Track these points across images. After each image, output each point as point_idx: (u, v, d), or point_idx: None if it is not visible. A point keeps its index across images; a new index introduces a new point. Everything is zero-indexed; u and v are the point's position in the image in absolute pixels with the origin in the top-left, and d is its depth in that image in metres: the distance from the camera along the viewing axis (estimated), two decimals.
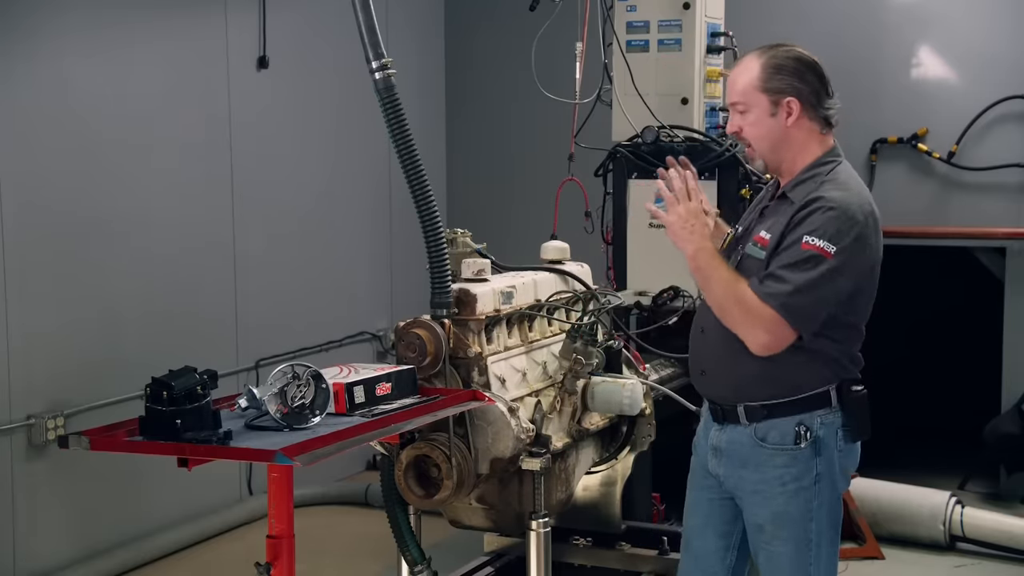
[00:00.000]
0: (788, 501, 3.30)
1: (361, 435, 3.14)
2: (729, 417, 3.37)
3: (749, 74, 3.32)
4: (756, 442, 3.31)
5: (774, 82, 3.29)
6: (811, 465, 3.29)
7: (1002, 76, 6.65)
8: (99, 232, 5.61)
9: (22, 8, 5.24)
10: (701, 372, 3.45)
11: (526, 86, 5.62)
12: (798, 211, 3.23)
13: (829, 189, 3.25)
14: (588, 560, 4.65)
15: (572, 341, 3.96)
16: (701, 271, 3.28)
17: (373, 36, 3.54)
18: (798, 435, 3.27)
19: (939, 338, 8.01)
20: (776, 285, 3.18)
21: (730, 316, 3.25)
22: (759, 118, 3.31)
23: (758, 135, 3.33)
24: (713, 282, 3.27)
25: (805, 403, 3.28)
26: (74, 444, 2.97)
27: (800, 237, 3.18)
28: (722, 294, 3.25)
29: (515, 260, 4.21)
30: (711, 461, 3.44)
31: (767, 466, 3.31)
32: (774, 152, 3.34)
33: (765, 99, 3.30)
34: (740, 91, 3.33)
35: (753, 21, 6.49)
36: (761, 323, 3.19)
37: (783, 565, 3.35)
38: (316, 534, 5.97)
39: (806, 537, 3.32)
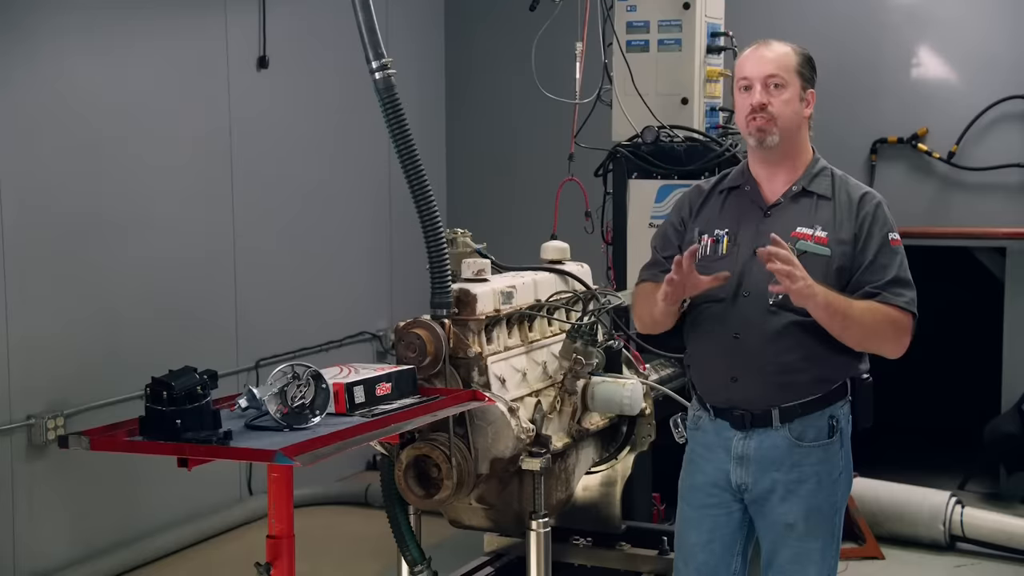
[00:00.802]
0: (823, 497, 3.34)
1: (361, 435, 3.14)
2: (758, 422, 3.34)
3: (787, 55, 3.34)
4: (792, 442, 3.32)
5: (807, 71, 3.36)
6: (839, 457, 3.37)
7: (1002, 76, 6.65)
8: (99, 232, 5.61)
9: (22, 8, 5.24)
10: (732, 379, 3.35)
11: (526, 86, 5.62)
12: (860, 208, 3.31)
13: (858, 184, 3.40)
14: (588, 560, 4.64)
15: (572, 341, 3.96)
16: (840, 313, 3.20)
17: (373, 36, 3.54)
18: (831, 428, 3.33)
19: (939, 338, 8.00)
20: (902, 291, 3.26)
21: (881, 337, 3.28)
22: (792, 97, 3.33)
23: (788, 113, 3.32)
24: (855, 316, 3.22)
25: (832, 396, 3.34)
26: (74, 444, 2.97)
27: (885, 236, 3.30)
28: (871, 322, 3.24)
29: (515, 260, 4.21)
30: (735, 471, 3.38)
31: (804, 464, 3.33)
32: (793, 135, 3.36)
33: (799, 83, 3.34)
34: (781, 67, 3.32)
35: (753, 21, 6.49)
36: (906, 331, 3.28)
37: (814, 560, 3.36)
38: (316, 534, 5.97)
39: (833, 530, 3.38)
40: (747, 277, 3.32)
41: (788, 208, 3.36)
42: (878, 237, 3.29)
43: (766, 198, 3.40)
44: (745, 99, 3.34)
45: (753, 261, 3.30)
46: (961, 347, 7.87)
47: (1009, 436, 6.54)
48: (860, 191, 3.36)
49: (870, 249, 3.28)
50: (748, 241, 3.36)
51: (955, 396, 7.69)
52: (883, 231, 3.30)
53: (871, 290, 3.25)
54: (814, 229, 3.30)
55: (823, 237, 3.29)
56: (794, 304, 3.20)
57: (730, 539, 3.45)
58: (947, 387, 7.83)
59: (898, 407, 7.86)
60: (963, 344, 7.86)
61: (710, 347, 3.40)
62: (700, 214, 3.50)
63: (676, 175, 5.33)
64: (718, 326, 3.37)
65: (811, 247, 3.29)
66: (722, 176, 3.54)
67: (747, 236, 3.37)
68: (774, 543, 3.39)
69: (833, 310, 3.19)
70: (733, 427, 3.38)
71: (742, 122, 3.37)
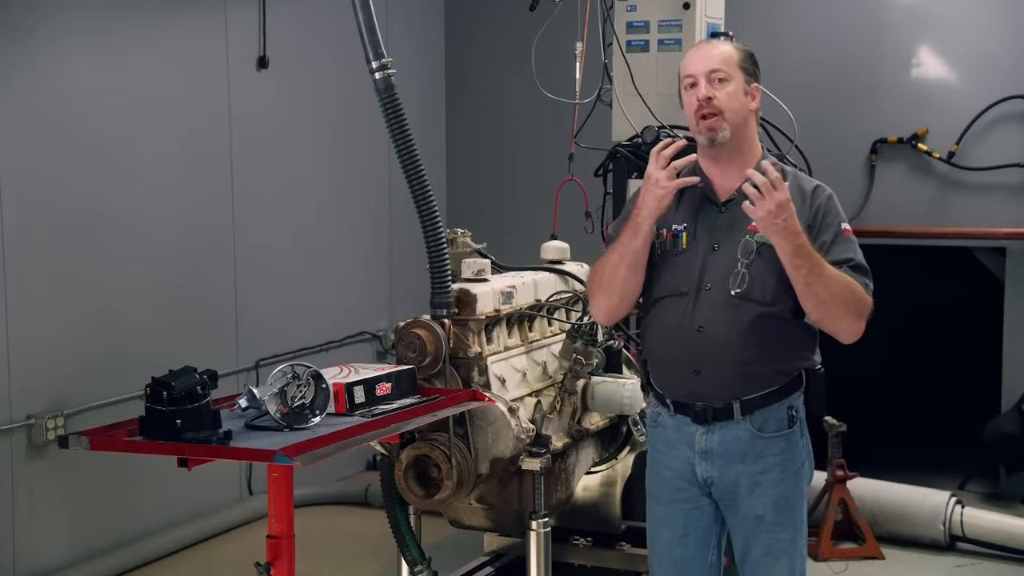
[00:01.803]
0: (788, 486, 3.37)
1: (361, 435, 3.14)
2: (719, 416, 3.35)
3: (728, 51, 3.38)
4: (754, 434, 3.34)
5: (749, 65, 3.39)
6: (801, 446, 3.40)
7: (1002, 76, 6.65)
8: (99, 232, 5.61)
9: (22, 8, 5.24)
10: (695, 372, 3.34)
11: (526, 86, 5.61)
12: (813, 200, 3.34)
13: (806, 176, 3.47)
14: (588, 560, 4.64)
15: (572, 341, 3.96)
16: (811, 264, 3.18)
17: (373, 36, 3.54)
18: (791, 418, 3.36)
19: (939, 338, 8.02)
20: (863, 277, 3.28)
21: (841, 308, 3.23)
22: (736, 91, 3.34)
23: (735, 107, 3.33)
24: (826, 276, 3.20)
25: (789, 387, 3.36)
26: (74, 444, 2.97)
27: (839, 226, 3.33)
28: (839, 287, 3.22)
29: (515, 260, 4.21)
30: (700, 466, 3.40)
31: (767, 455, 3.35)
32: (741, 129, 3.36)
33: (742, 77, 3.36)
34: (724, 61, 3.35)
35: (753, 21, 6.49)
36: (864, 313, 3.27)
37: (785, 551, 3.39)
38: (316, 534, 5.97)
39: (801, 520, 3.41)
40: (708, 270, 3.33)
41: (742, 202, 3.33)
42: (833, 227, 3.33)
43: (719, 194, 3.40)
44: (691, 95, 3.35)
45: (714, 255, 3.33)
46: (961, 347, 7.88)
47: (1009, 436, 6.53)
48: (812, 184, 3.40)
49: (826, 236, 3.31)
50: (706, 235, 3.36)
51: (955, 396, 7.69)
52: (836, 221, 3.34)
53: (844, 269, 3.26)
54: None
55: None
56: (769, 238, 3.20)
57: (704, 532, 3.47)
58: (947, 387, 7.83)
59: (899, 407, 7.90)
60: (963, 344, 7.86)
61: (672, 341, 3.38)
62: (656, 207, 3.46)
63: None
64: (680, 319, 3.35)
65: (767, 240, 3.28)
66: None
67: (705, 231, 3.37)
68: (746, 537, 3.42)
69: (802, 260, 3.17)
70: (694, 422, 3.39)
71: (692, 121, 3.37)
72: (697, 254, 3.36)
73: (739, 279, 3.28)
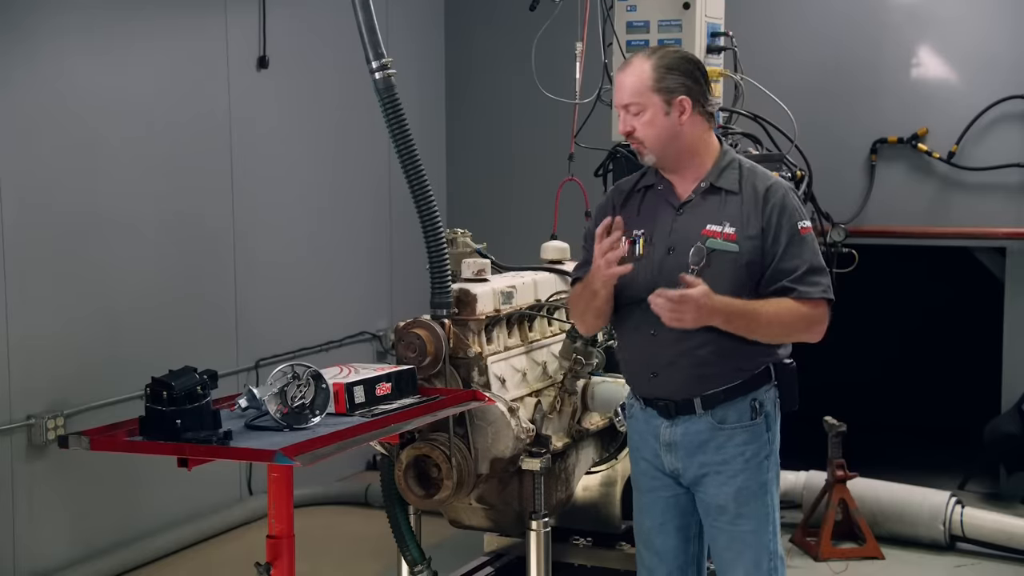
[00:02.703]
0: (749, 477, 3.40)
1: (361, 435, 3.14)
2: (682, 410, 3.42)
3: (641, 76, 3.38)
4: (714, 426, 3.39)
5: (667, 82, 3.37)
6: (765, 439, 3.42)
7: (1002, 76, 6.64)
8: (99, 232, 5.61)
9: (22, 8, 5.24)
10: (652, 375, 3.43)
11: (526, 86, 5.61)
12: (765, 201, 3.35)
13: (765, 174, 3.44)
14: (588, 560, 4.64)
15: (572, 341, 3.97)
16: (746, 322, 3.30)
17: (373, 36, 3.54)
18: (753, 410, 3.39)
19: (939, 338, 8.01)
20: (816, 279, 3.33)
21: (791, 334, 3.39)
22: (654, 117, 3.37)
23: (654, 135, 3.38)
24: (764, 323, 3.31)
25: (754, 381, 3.40)
26: (74, 444, 2.97)
27: (795, 226, 3.34)
28: (779, 324, 3.33)
29: (515, 260, 4.21)
30: (665, 458, 3.46)
31: (728, 446, 3.40)
32: (668, 149, 3.41)
33: (659, 99, 3.36)
34: (633, 92, 3.38)
35: (753, 21, 6.49)
36: (821, 319, 3.36)
37: (748, 542, 3.42)
38: (316, 534, 5.97)
39: (765, 512, 3.43)
40: (663, 274, 3.37)
41: (698, 205, 3.41)
42: (787, 228, 3.34)
43: (678, 195, 3.46)
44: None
45: (668, 258, 3.38)
46: (961, 347, 7.87)
47: (1009, 436, 6.53)
48: (766, 183, 3.39)
49: (780, 241, 3.33)
50: (662, 240, 3.42)
51: (955, 396, 7.69)
52: (791, 221, 3.35)
53: (786, 284, 3.32)
54: (723, 226, 3.35)
55: (731, 234, 3.34)
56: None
57: (681, 522, 3.52)
58: (947, 387, 7.83)
59: (898, 407, 7.90)
60: (963, 344, 7.86)
61: (632, 343, 3.48)
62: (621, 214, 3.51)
63: None
64: (638, 323, 3.42)
65: (720, 244, 3.34)
66: (642, 173, 3.59)
67: (661, 235, 3.42)
68: (711, 528, 3.47)
69: (737, 325, 3.30)
70: (660, 415, 3.46)
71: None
72: (653, 259, 3.41)
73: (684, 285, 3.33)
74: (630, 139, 3.43)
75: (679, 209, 3.42)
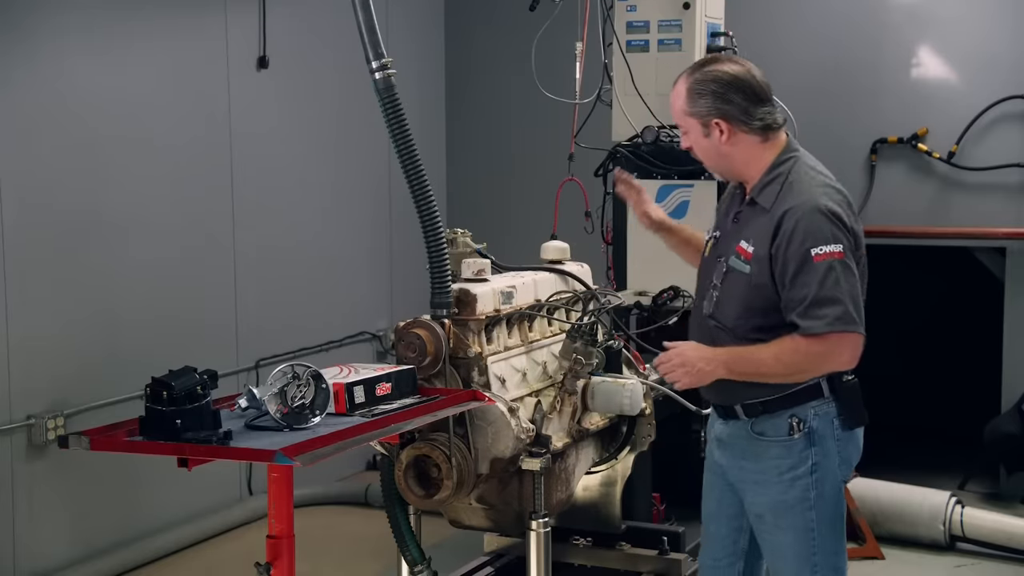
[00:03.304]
0: (785, 490, 3.39)
1: (361, 435, 3.14)
2: (729, 413, 3.49)
3: (679, 99, 3.41)
4: (753, 435, 3.42)
5: (697, 107, 3.37)
6: (806, 455, 3.37)
7: (1002, 76, 6.65)
8: (99, 232, 5.61)
9: (22, 8, 5.24)
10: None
11: (526, 86, 5.62)
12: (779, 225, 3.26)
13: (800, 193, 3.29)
14: (588, 560, 4.64)
15: (572, 341, 3.96)
16: (748, 374, 3.33)
17: (373, 36, 3.54)
18: (791, 427, 3.36)
19: (939, 338, 8.01)
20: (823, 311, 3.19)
21: (809, 372, 3.32)
22: (697, 140, 3.42)
23: (703, 155, 3.46)
24: (767, 370, 3.30)
25: (797, 396, 3.36)
26: (74, 444, 2.97)
27: (807, 252, 3.21)
28: (786, 368, 3.29)
29: (515, 260, 4.21)
30: (716, 452, 3.58)
31: (764, 457, 3.42)
32: (721, 167, 3.47)
33: (695, 123, 3.39)
34: (675, 114, 3.46)
35: (753, 21, 6.50)
36: (838, 352, 3.25)
37: (786, 554, 3.45)
38: (316, 534, 5.97)
39: (806, 526, 3.40)
40: (706, 278, 3.49)
41: (745, 217, 3.43)
42: (797, 255, 3.22)
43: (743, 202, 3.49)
44: None
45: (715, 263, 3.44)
46: (961, 347, 7.87)
47: (1009, 436, 6.53)
48: (787, 205, 3.27)
49: (789, 270, 3.24)
50: (720, 245, 3.49)
51: (955, 396, 7.69)
52: (803, 247, 3.22)
53: (793, 319, 3.24)
54: (749, 243, 3.34)
55: (750, 253, 3.32)
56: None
57: (733, 511, 3.57)
58: (947, 387, 7.82)
59: (898, 407, 7.89)
60: (963, 344, 7.86)
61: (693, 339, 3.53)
62: (719, 211, 3.65)
63: (676, 175, 5.34)
64: (690, 328, 3.56)
65: (736, 264, 3.36)
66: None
67: (722, 241, 3.49)
68: (757, 532, 3.52)
69: (742, 371, 3.33)
70: (716, 413, 3.58)
71: None
72: (709, 262, 3.51)
73: (710, 299, 3.43)
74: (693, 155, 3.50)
75: (735, 218, 3.46)
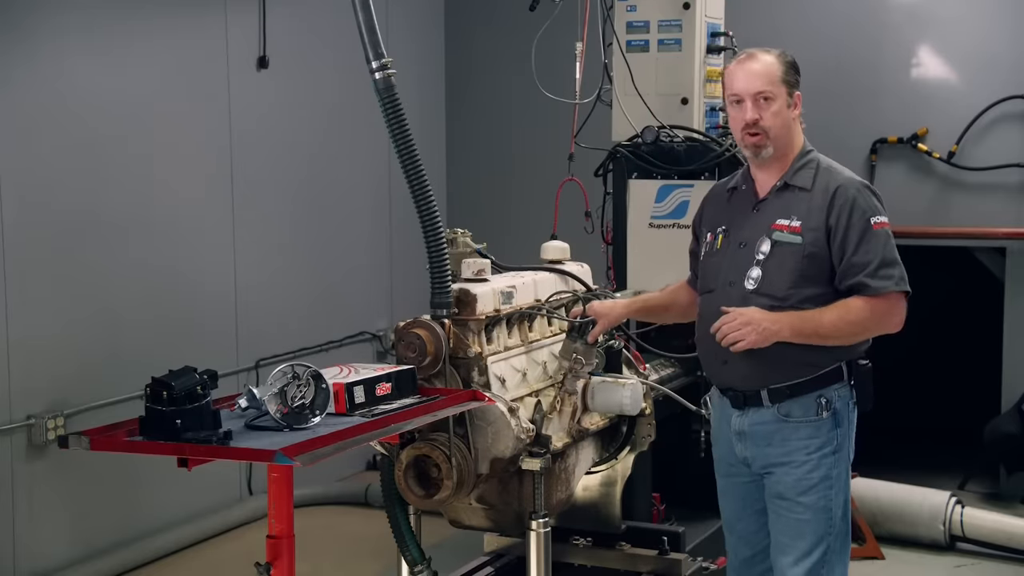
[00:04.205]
0: (812, 469, 3.52)
1: (361, 435, 3.14)
2: (751, 401, 3.56)
3: (772, 67, 3.58)
4: (780, 419, 3.52)
5: (791, 76, 3.61)
6: (832, 436, 3.54)
7: (1002, 76, 6.65)
8: (99, 232, 5.61)
9: (22, 8, 5.24)
10: (724, 362, 3.58)
11: (526, 86, 5.61)
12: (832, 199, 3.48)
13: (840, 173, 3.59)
14: (588, 560, 4.64)
15: (572, 341, 3.96)
16: (815, 332, 3.44)
17: (373, 36, 3.54)
18: (819, 407, 3.51)
19: (939, 338, 8.01)
20: (889, 271, 3.46)
21: (865, 332, 3.50)
22: (781, 108, 3.57)
23: (780, 124, 3.56)
24: (829, 332, 3.44)
25: (823, 379, 3.51)
26: (74, 444, 2.97)
27: (867, 221, 3.48)
28: (850, 327, 3.46)
29: (515, 260, 4.21)
30: (737, 446, 3.63)
31: (792, 439, 3.52)
32: (782, 140, 3.58)
33: (785, 91, 3.59)
34: (767, 81, 3.56)
35: (753, 21, 6.49)
36: (895, 311, 3.48)
37: (804, 532, 3.54)
38: (316, 534, 5.97)
39: (826, 504, 3.54)
40: (733, 267, 3.59)
41: (773, 202, 3.60)
42: (859, 225, 3.48)
43: (757, 194, 3.65)
44: (737, 113, 3.59)
45: (740, 251, 3.59)
46: (961, 347, 7.87)
47: (1009, 436, 6.53)
48: (837, 182, 3.53)
49: (851, 239, 3.47)
50: (738, 235, 3.63)
51: (955, 396, 7.69)
52: (864, 217, 3.49)
53: (862, 280, 3.45)
54: (791, 220, 3.52)
55: (797, 227, 3.51)
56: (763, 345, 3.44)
57: (760, 506, 3.65)
58: (947, 387, 7.82)
59: (898, 407, 7.88)
60: (963, 344, 7.86)
61: (704, 333, 3.63)
62: (706, 214, 3.83)
63: (676, 175, 5.33)
64: (710, 313, 3.60)
65: (784, 237, 3.52)
66: (732, 176, 3.81)
67: (737, 231, 3.63)
68: (772, 513, 3.60)
69: (806, 333, 3.45)
70: (732, 405, 3.62)
71: (738, 135, 3.63)
72: (727, 253, 3.62)
73: (753, 276, 3.53)
74: (753, 128, 3.54)
75: (755, 207, 3.62)
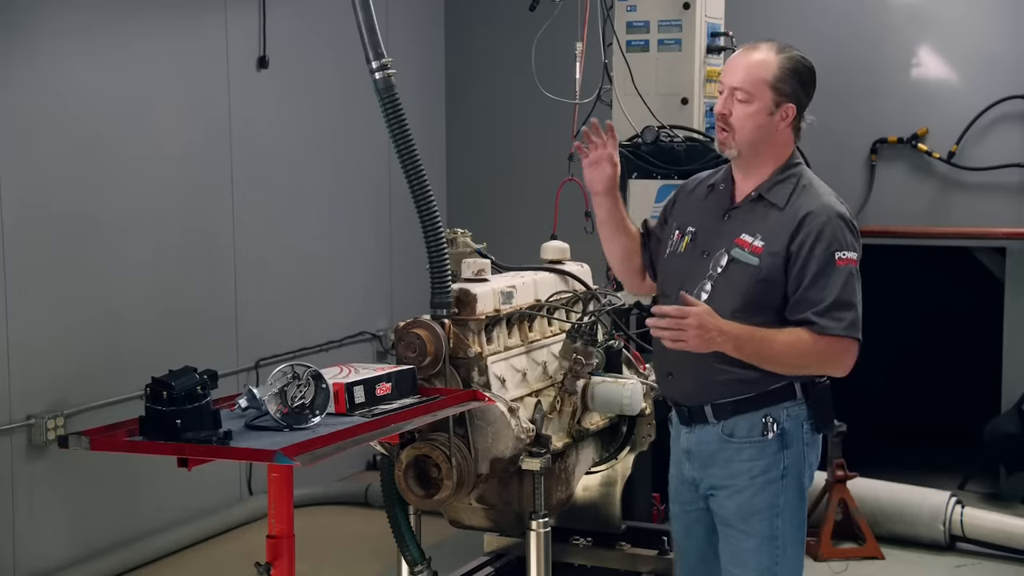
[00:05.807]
0: (755, 494, 3.30)
1: (361, 435, 3.14)
2: (696, 417, 3.37)
3: (762, 66, 3.27)
4: (723, 438, 3.33)
5: (786, 84, 3.28)
6: (779, 458, 3.31)
7: (1002, 76, 6.65)
8: (99, 232, 5.61)
9: (22, 8, 5.24)
10: (668, 374, 3.44)
11: (526, 86, 5.62)
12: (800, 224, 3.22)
13: (818, 197, 3.29)
14: (588, 560, 4.64)
15: (572, 341, 3.96)
16: (755, 353, 3.21)
17: (373, 36, 3.54)
18: (765, 426, 3.29)
19: (939, 338, 8.01)
20: (841, 314, 3.18)
21: (807, 367, 3.26)
22: (758, 112, 3.27)
23: (750, 128, 3.28)
24: (775, 356, 3.21)
25: (770, 396, 3.29)
26: (74, 444, 2.97)
27: (831, 255, 3.20)
28: (794, 359, 3.22)
29: (515, 260, 4.21)
30: (685, 465, 3.45)
31: (735, 460, 3.32)
32: (754, 147, 3.31)
33: (770, 97, 3.26)
34: (749, 81, 3.26)
35: (753, 21, 6.49)
36: (843, 355, 3.24)
37: (747, 561, 3.33)
38: (316, 534, 5.97)
39: (771, 533, 3.32)
40: (690, 275, 3.35)
41: (744, 213, 3.34)
42: (821, 257, 3.20)
43: (734, 198, 3.39)
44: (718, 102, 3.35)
45: (701, 260, 3.34)
46: (961, 347, 7.87)
47: (1009, 436, 6.53)
48: (809, 208, 3.25)
49: (809, 271, 3.20)
50: (704, 241, 3.37)
51: (955, 396, 7.69)
52: (828, 250, 3.20)
53: (809, 317, 3.19)
54: (754, 238, 3.27)
55: (759, 247, 3.26)
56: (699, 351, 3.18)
57: (704, 539, 3.47)
58: (947, 387, 7.82)
59: (899, 407, 7.90)
60: (963, 344, 7.86)
61: (656, 342, 3.37)
62: (679, 205, 3.54)
63: (676, 175, 5.33)
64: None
65: (742, 255, 3.27)
66: (715, 170, 3.54)
67: (704, 236, 3.38)
68: (720, 538, 3.40)
69: (747, 351, 3.20)
70: (680, 422, 3.46)
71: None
72: (689, 258, 3.38)
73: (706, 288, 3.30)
74: (721, 122, 3.29)
75: (726, 214, 3.36)
